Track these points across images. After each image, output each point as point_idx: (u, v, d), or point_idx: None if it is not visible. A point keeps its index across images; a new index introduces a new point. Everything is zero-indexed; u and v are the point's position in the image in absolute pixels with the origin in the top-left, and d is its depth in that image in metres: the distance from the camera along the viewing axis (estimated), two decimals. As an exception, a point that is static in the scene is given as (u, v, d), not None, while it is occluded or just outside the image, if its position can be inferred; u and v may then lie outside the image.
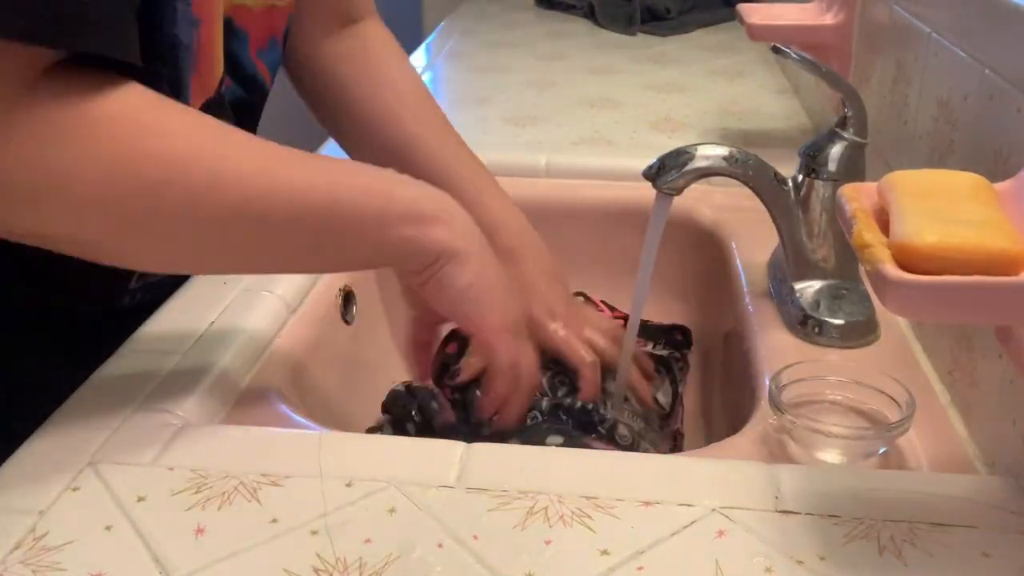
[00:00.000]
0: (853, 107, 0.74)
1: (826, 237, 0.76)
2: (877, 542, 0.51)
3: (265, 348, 0.73)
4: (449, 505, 0.54)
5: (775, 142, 1.17)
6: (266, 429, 0.63)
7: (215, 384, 0.66)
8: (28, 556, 0.50)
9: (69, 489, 0.55)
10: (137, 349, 0.70)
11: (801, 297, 0.75)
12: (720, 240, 0.94)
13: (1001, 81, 0.61)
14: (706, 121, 1.23)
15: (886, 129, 0.86)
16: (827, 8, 1.06)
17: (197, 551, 0.50)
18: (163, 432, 0.60)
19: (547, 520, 0.52)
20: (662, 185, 0.74)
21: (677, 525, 0.52)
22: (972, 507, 0.53)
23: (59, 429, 0.61)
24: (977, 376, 0.62)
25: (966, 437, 0.62)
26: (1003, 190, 0.50)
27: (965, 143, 0.67)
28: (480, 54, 1.62)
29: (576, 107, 1.29)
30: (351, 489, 0.55)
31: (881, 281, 0.45)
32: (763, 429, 0.63)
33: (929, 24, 0.76)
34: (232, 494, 0.55)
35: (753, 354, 0.74)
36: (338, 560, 0.50)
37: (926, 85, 0.76)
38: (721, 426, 0.83)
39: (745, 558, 0.50)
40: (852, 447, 0.60)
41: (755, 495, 0.54)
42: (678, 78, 1.43)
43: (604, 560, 0.50)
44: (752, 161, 0.75)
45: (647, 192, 0.76)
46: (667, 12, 1.77)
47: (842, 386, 0.65)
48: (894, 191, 0.49)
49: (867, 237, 0.47)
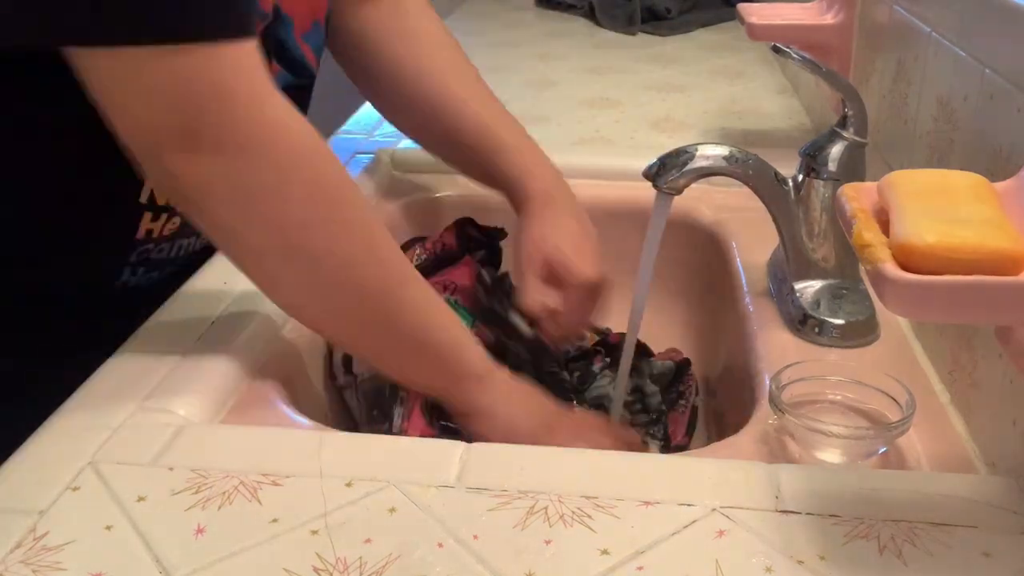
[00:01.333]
0: (853, 107, 0.74)
1: (826, 237, 0.76)
2: (877, 542, 0.51)
3: (265, 348, 0.73)
4: (449, 505, 0.54)
5: (775, 142, 1.17)
6: (266, 429, 0.63)
7: (215, 384, 0.66)
8: (28, 556, 0.50)
9: (69, 489, 0.55)
10: (137, 349, 0.70)
11: (801, 297, 0.75)
12: (720, 240, 0.94)
13: (1001, 81, 0.61)
14: (706, 121, 1.23)
15: (886, 129, 0.86)
16: (827, 8, 1.06)
17: (197, 551, 0.50)
18: (163, 432, 0.60)
19: (547, 520, 0.52)
20: (662, 185, 0.74)
21: (677, 525, 0.52)
22: (972, 507, 0.53)
23: (59, 429, 0.61)
24: (977, 376, 0.62)
25: (966, 437, 0.62)
26: (1003, 190, 0.50)
27: (965, 143, 0.67)
28: (480, 54, 1.62)
29: (576, 107, 1.29)
30: (351, 489, 0.55)
31: (881, 281, 0.45)
32: (763, 429, 0.63)
33: (929, 24, 0.76)
34: (232, 494, 0.55)
35: (753, 354, 0.74)
36: (338, 560, 0.50)
37: (926, 85, 0.76)
38: (721, 426, 0.83)
39: (745, 558, 0.50)
40: (852, 447, 0.60)
41: (755, 495, 0.54)
42: (678, 78, 1.43)
43: (604, 560, 0.50)
44: (752, 161, 0.75)
45: (647, 192, 0.76)
46: (667, 12, 1.77)
47: (842, 386, 0.65)
48: (894, 191, 0.49)
49: (867, 237, 0.47)
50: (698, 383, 0.87)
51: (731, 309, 0.84)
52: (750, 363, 0.73)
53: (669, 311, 0.98)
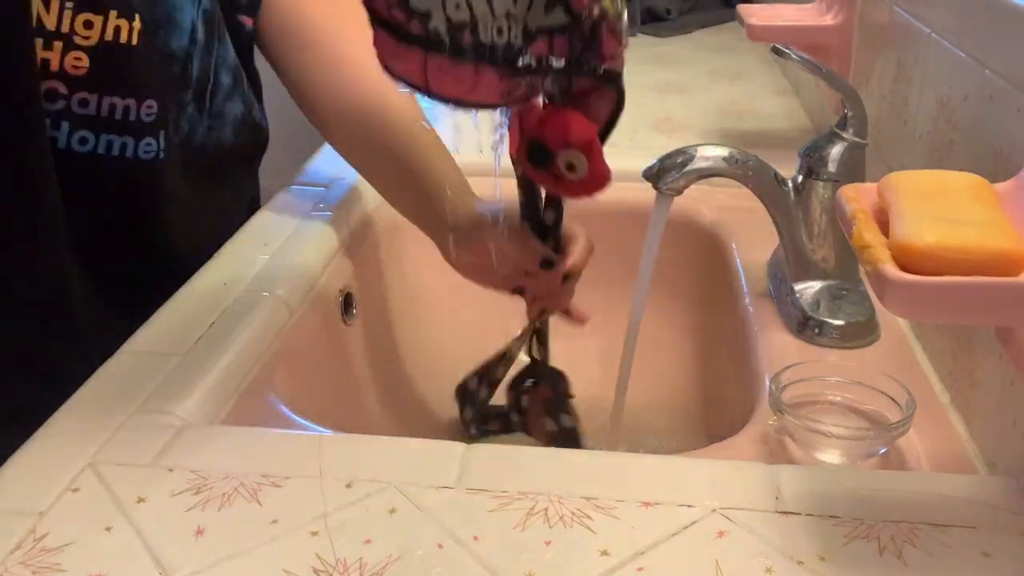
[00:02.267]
0: (853, 107, 0.74)
1: (826, 238, 0.76)
2: (877, 542, 0.51)
3: (265, 349, 0.73)
4: (449, 506, 0.54)
5: (775, 143, 1.17)
6: (266, 430, 0.63)
7: (215, 385, 0.66)
8: (28, 557, 0.50)
9: (69, 490, 0.55)
10: (137, 349, 0.70)
11: (801, 297, 0.75)
12: (720, 240, 0.94)
13: (1001, 81, 0.61)
14: (706, 122, 1.23)
15: (886, 129, 0.86)
16: (827, 9, 1.06)
17: (197, 552, 0.50)
18: (163, 433, 0.60)
19: (547, 521, 0.52)
20: (662, 186, 0.74)
21: (677, 525, 0.52)
22: (972, 507, 0.53)
23: (59, 429, 0.61)
24: (977, 376, 0.62)
25: (966, 437, 0.62)
26: (1003, 190, 0.50)
27: (965, 143, 0.67)
28: (480, 55, 1.62)
29: (576, 108, 1.29)
30: (351, 490, 0.55)
31: (881, 281, 0.45)
32: (763, 429, 0.63)
33: (929, 24, 0.76)
34: (232, 495, 0.55)
35: (753, 354, 0.74)
36: (338, 561, 0.50)
37: (926, 85, 0.76)
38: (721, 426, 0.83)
39: (745, 559, 0.50)
40: (852, 447, 0.60)
41: (755, 495, 0.54)
42: (678, 79, 1.43)
43: (604, 561, 0.50)
44: (752, 162, 0.75)
45: (647, 193, 0.76)
46: (667, 13, 1.77)
47: (842, 387, 0.65)
48: (894, 192, 0.49)
49: (867, 238, 0.47)
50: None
51: (731, 310, 0.84)
52: (750, 364, 0.73)
53: (669, 312, 0.98)
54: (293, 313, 0.78)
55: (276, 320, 0.76)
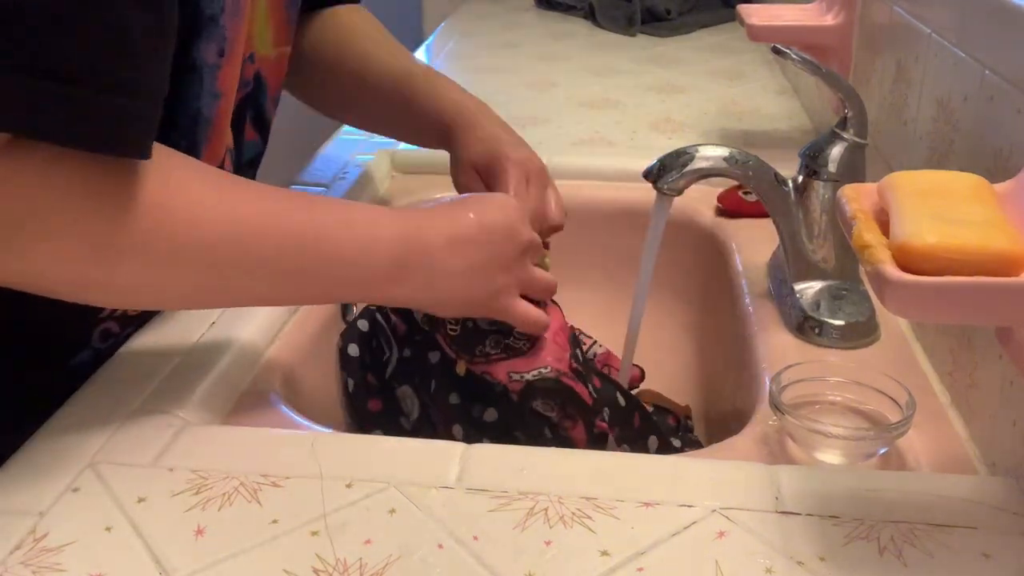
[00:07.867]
0: (853, 108, 0.74)
1: (826, 238, 0.76)
2: (877, 543, 0.51)
3: (265, 349, 0.73)
4: (449, 506, 0.54)
5: (775, 143, 1.17)
6: (266, 430, 0.63)
7: (215, 385, 0.66)
8: (28, 557, 0.50)
9: (69, 490, 0.55)
10: (137, 350, 0.70)
11: (801, 298, 0.75)
12: (720, 240, 0.94)
13: (1001, 81, 0.61)
14: (706, 122, 1.23)
15: (886, 129, 0.86)
16: (827, 9, 1.06)
17: (197, 552, 0.50)
18: (163, 433, 0.60)
19: (547, 521, 0.52)
20: (662, 186, 0.74)
21: (677, 526, 0.52)
22: (972, 507, 0.53)
23: (59, 429, 0.61)
24: (977, 376, 0.62)
25: (966, 437, 0.62)
26: (1003, 190, 0.50)
27: (965, 143, 0.67)
28: (480, 55, 1.62)
29: (576, 108, 1.29)
30: (351, 490, 0.55)
31: (881, 282, 0.45)
32: (763, 429, 0.63)
33: (929, 24, 0.76)
34: (232, 495, 0.55)
35: (753, 354, 0.74)
36: (338, 561, 0.50)
37: (926, 85, 0.76)
38: (721, 426, 0.83)
39: (745, 559, 0.50)
40: (852, 448, 0.60)
41: (755, 496, 0.54)
42: (678, 79, 1.43)
43: (604, 561, 0.50)
44: (752, 162, 0.75)
45: (647, 193, 0.76)
46: (667, 13, 1.77)
47: (842, 387, 0.65)
48: (894, 192, 0.49)
49: (867, 238, 0.47)
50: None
51: (731, 310, 0.84)
52: (750, 364, 0.73)
53: (669, 312, 0.98)
54: (293, 313, 0.78)
55: (276, 320, 0.76)
